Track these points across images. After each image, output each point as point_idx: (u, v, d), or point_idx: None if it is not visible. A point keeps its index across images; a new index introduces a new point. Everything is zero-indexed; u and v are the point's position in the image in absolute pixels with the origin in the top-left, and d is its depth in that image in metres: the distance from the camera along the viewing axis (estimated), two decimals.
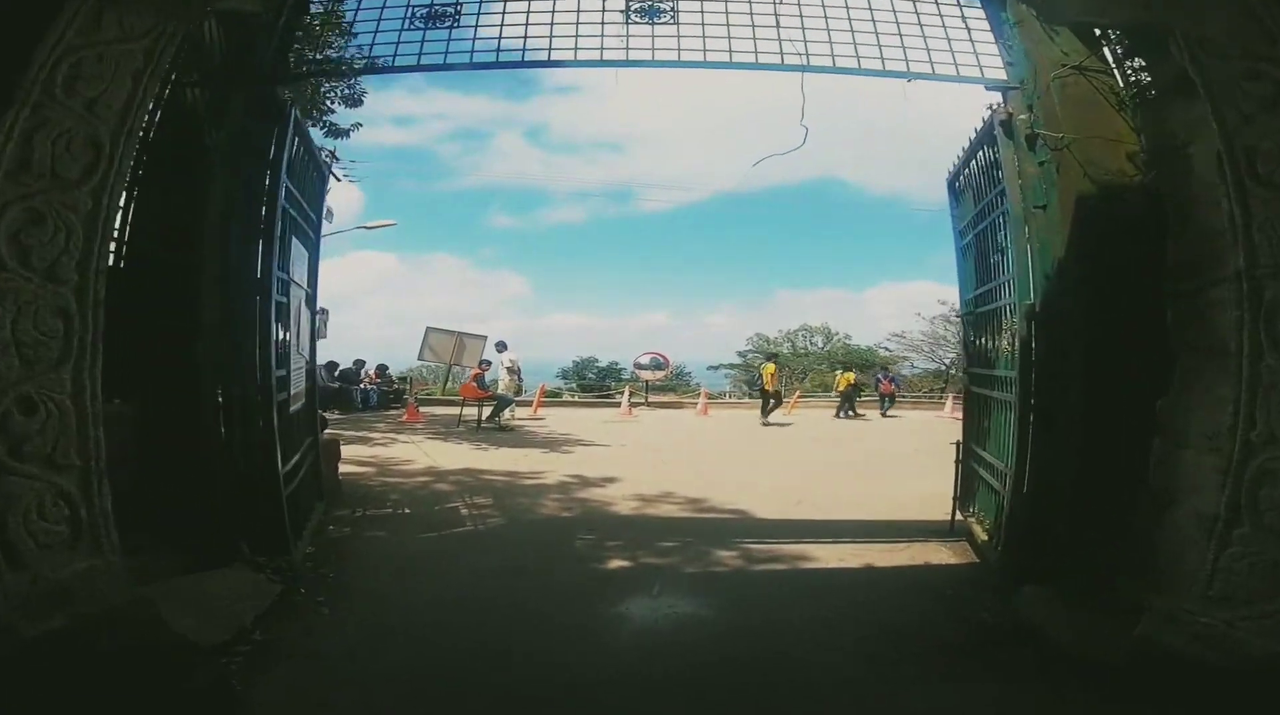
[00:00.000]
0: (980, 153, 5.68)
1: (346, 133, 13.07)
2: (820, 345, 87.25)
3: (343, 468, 8.64)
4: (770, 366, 17.70)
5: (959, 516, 6.40)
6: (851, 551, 5.97)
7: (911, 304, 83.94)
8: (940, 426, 18.47)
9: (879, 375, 24.18)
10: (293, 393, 5.40)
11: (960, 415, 20.39)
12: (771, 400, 16.89)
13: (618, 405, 19.58)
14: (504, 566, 5.31)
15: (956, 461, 6.60)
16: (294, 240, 5.53)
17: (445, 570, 5.22)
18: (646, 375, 21.55)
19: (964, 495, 6.47)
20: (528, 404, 18.18)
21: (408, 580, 5.00)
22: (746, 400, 28.32)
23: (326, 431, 8.00)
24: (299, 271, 5.73)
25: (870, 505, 7.73)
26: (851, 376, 20.75)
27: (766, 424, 16.06)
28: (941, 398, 25.66)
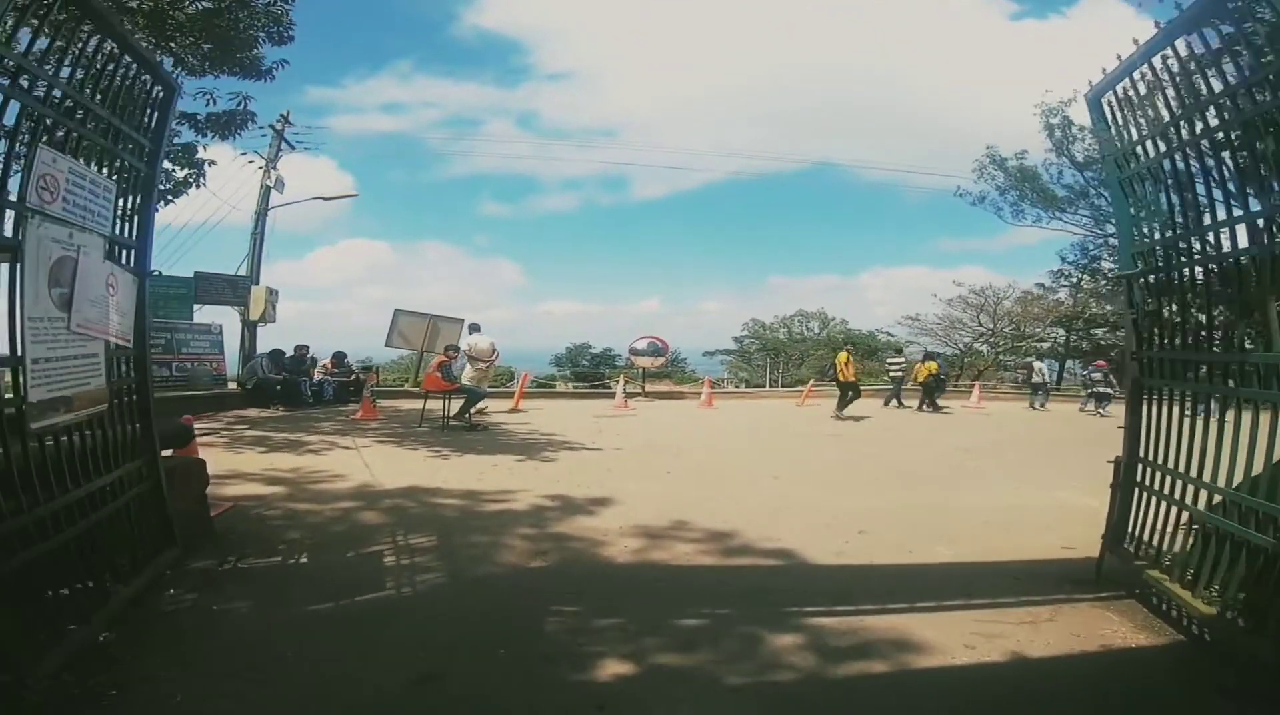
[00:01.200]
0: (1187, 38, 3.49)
1: (269, 73, 10.88)
2: (817, 331, 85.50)
3: (243, 488, 6.48)
4: (844, 355, 16.10)
5: (1109, 558, 4.29)
6: (975, 627, 3.84)
7: (904, 289, 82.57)
8: (999, 419, 16.64)
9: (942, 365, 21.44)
10: (58, 395, 3.19)
11: (980, 404, 17.54)
12: (850, 392, 15.47)
13: (612, 395, 17.38)
14: (423, 679, 3.13)
15: (1114, 485, 4.47)
16: (82, 165, 3.33)
17: (316, 692, 3.04)
18: (644, 362, 19.35)
19: (1121, 527, 4.35)
20: (510, 396, 15.98)
21: None
22: (750, 389, 26.31)
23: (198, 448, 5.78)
24: (85, 206, 3.49)
25: (959, 530, 5.63)
26: (934, 366, 18.38)
27: (841, 417, 14.69)
28: (967, 384, 23.65)
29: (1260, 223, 3.33)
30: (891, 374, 19.36)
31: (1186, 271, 3.96)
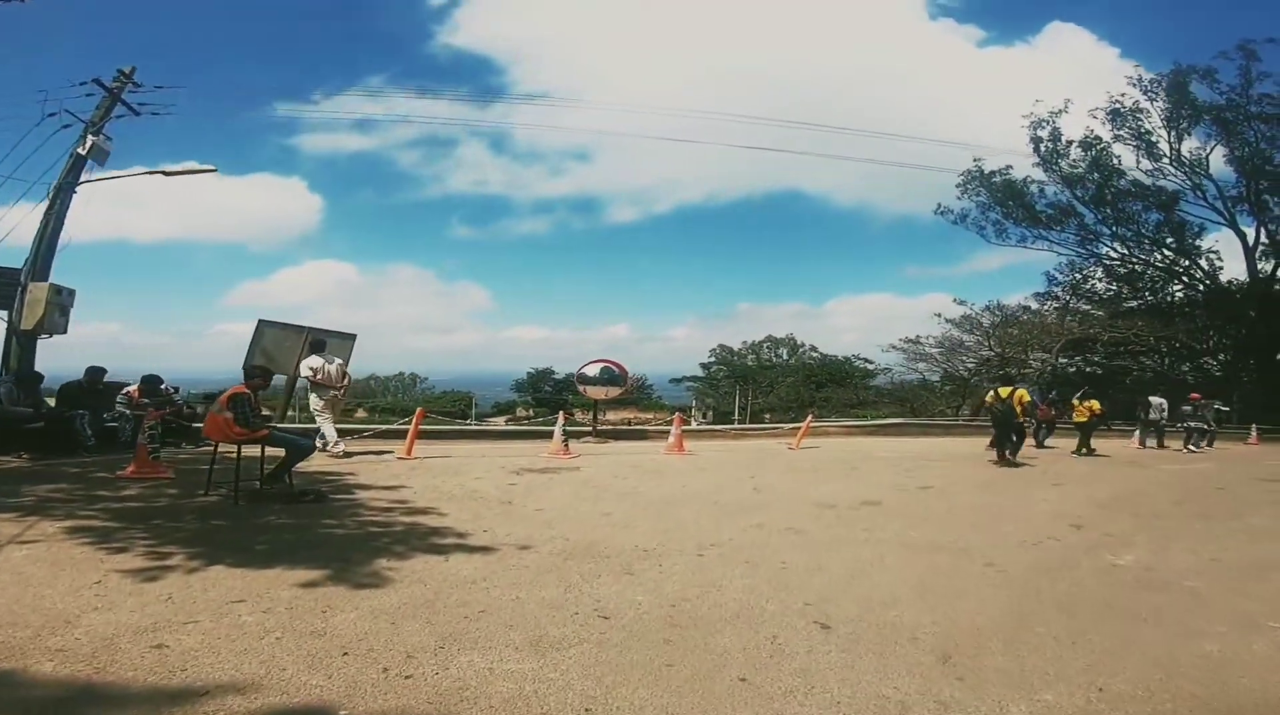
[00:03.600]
0: None
1: None
2: (786, 357, 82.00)
3: None
4: (1023, 392, 13.23)
5: None
6: None
7: (870, 316, 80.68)
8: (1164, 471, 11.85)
9: (1034, 394, 18.16)
10: None
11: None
12: (1041, 426, 14.66)
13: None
14: None
15: None
16: None
17: None
18: (596, 392, 14.89)
19: None
20: (401, 436, 11.43)
21: None
22: (725, 427, 22.22)
23: None
24: None
25: None
26: (1096, 404, 15.83)
27: (1012, 464, 12.43)
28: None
29: None
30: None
31: None
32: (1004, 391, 13.01)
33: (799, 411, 52.96)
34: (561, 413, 11.66)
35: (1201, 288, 33.77)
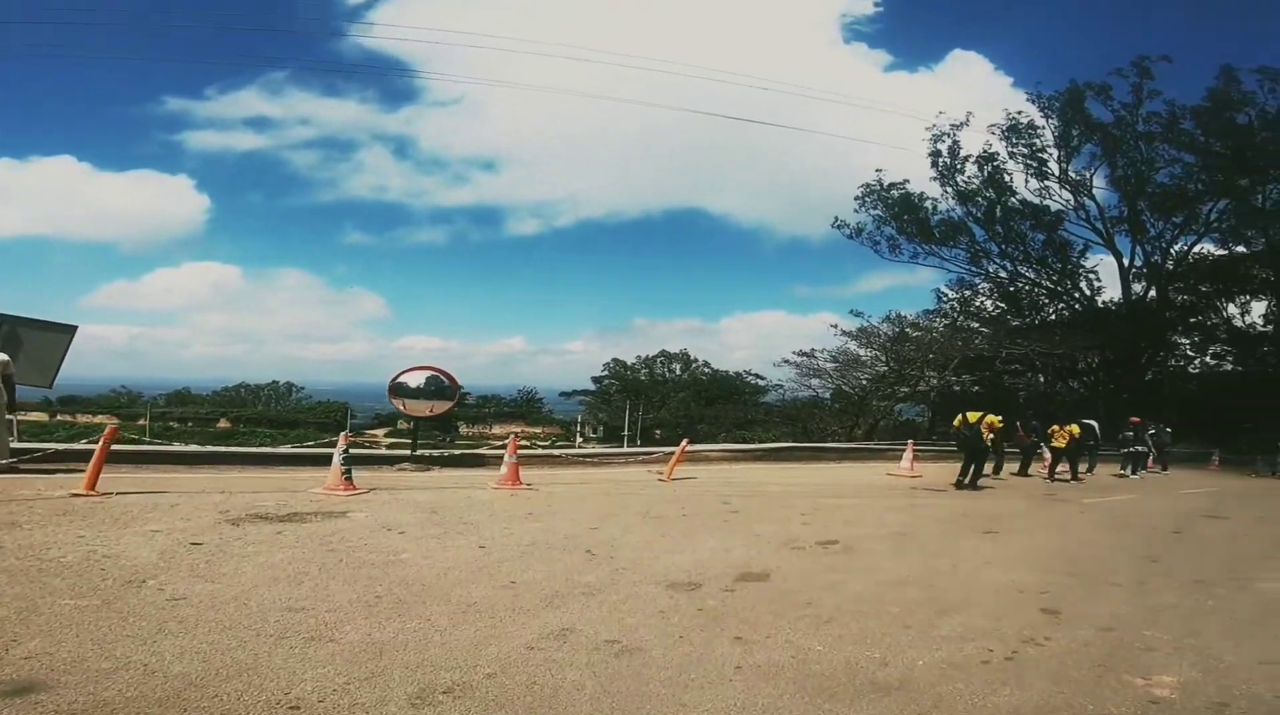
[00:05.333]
0: None
1: None
2: (679, 372, 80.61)
3: None
4: (993, 417, 12.52)
5: None
6: None
7: (761, 333, 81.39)
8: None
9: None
10: None
11: (914, 470, 8.55)
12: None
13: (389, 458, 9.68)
14: None
15: None
16: None
17: None
18: (417, 407, 11.71)
19: None
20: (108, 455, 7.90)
21: None
22: (586, 453, 19.46)
23: None
24: None
25: None
26: (1076, 429, 14.91)
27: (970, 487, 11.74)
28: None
29: None
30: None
31: None
32: (973, 416, 12.34)
33: (689, 427, 51.20)
34: (343, 437, 8.44)
35: (1079, 308, 34.00)
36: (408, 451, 11.93)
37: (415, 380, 11.43)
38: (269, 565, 5.21)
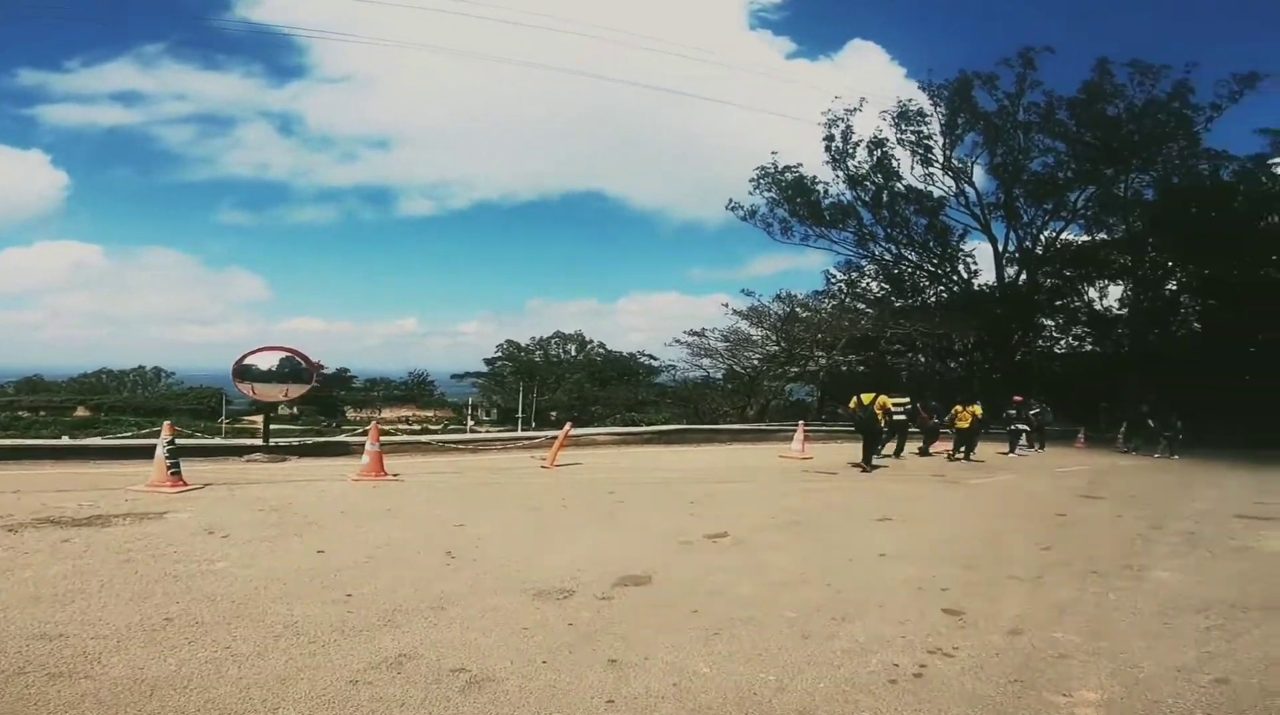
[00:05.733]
0: None
1: None
2: (574, 353, 79.84)
3: None
4: (885, 398, 12.74)
5: None
6: None
7: (658, 314, 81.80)
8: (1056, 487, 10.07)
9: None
10: None
11: (805, 452, 12.96)
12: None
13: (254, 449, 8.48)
14: None
15: None
16: None
17: None
18: (270, 392, 10.50)
19: None
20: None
21: None
22: (464, 437, 18.69)
23: None
24: None
25: None
26: (979, 409, 15.25)
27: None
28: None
29: None
30: (897, 418, 14.69)
31: None
32: (866, 397, 12.42)
33: (583, 409, 50.63)
34: (167, 426, 7.28)
35: (957, 290, 35.47)
36: (259, 441, 10.69)
37: (266, 362, 10.20)
38: (37, 580, 4.22)
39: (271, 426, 11.16)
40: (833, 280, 36.87)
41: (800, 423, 15.14)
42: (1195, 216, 32.20)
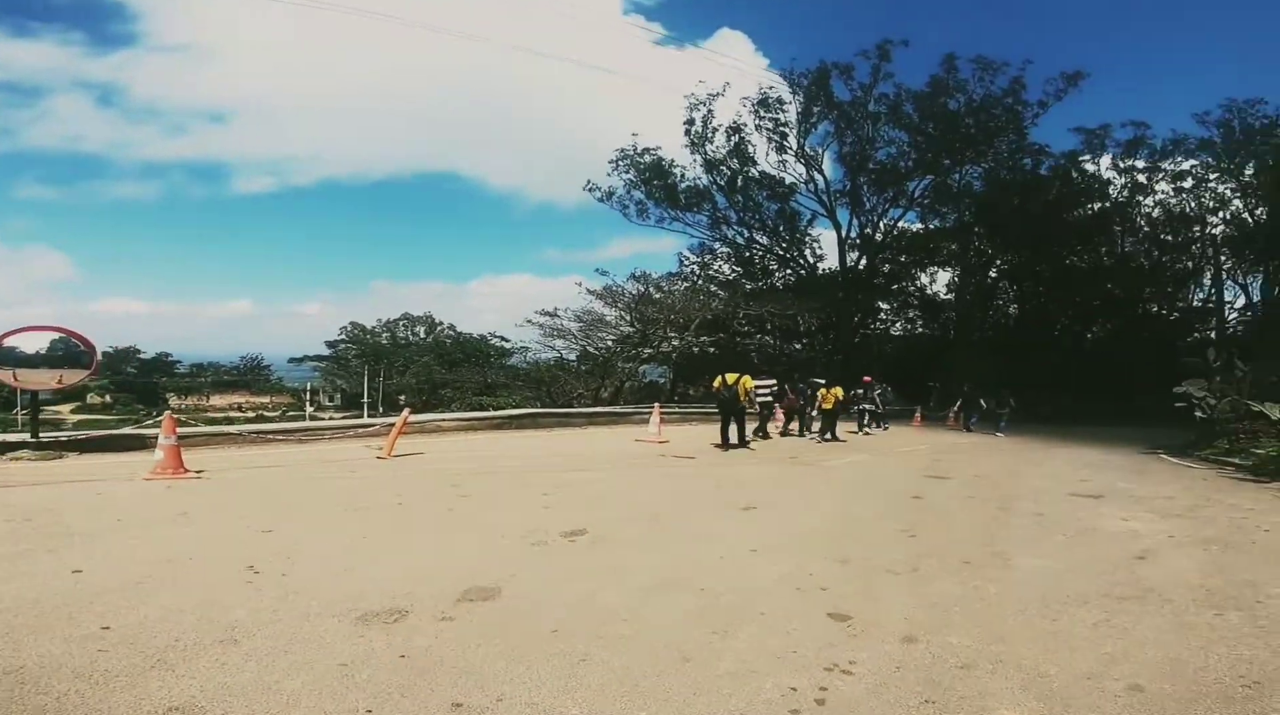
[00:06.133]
0: None
1: None
2: (423, 335, 76.53)
3: None
4: (747, 378, 12.84)
5: None
6: None
7: (511, 296, 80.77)
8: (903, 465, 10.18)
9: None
10: None
11: (661, 435, 12.93)
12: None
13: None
14: None
15: None
16: None
17: None
18: (38, 379, 8.85)
19: None
20: None
21: None
22: (287, 427, 17.10)
23: None
24: None
25: None
26: (840, 391, 15.92)
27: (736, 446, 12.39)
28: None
29: None
30: (761, 400, 14.76)
31: None
32: (730, 377, 12.50)
33: (432, 393, 48.42)
34: None
35: (804, 274, 37.00)
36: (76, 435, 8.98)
37: (34, 344, 8.55)
38: None
39: (81, 416, 9.46)
40: (686, 262, 37.70)
41: (655, 405, 14.93)
42: (1014, 208, 35.22)
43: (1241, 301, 38.64)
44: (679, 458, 11.13)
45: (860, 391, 18.44)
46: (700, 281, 33.71)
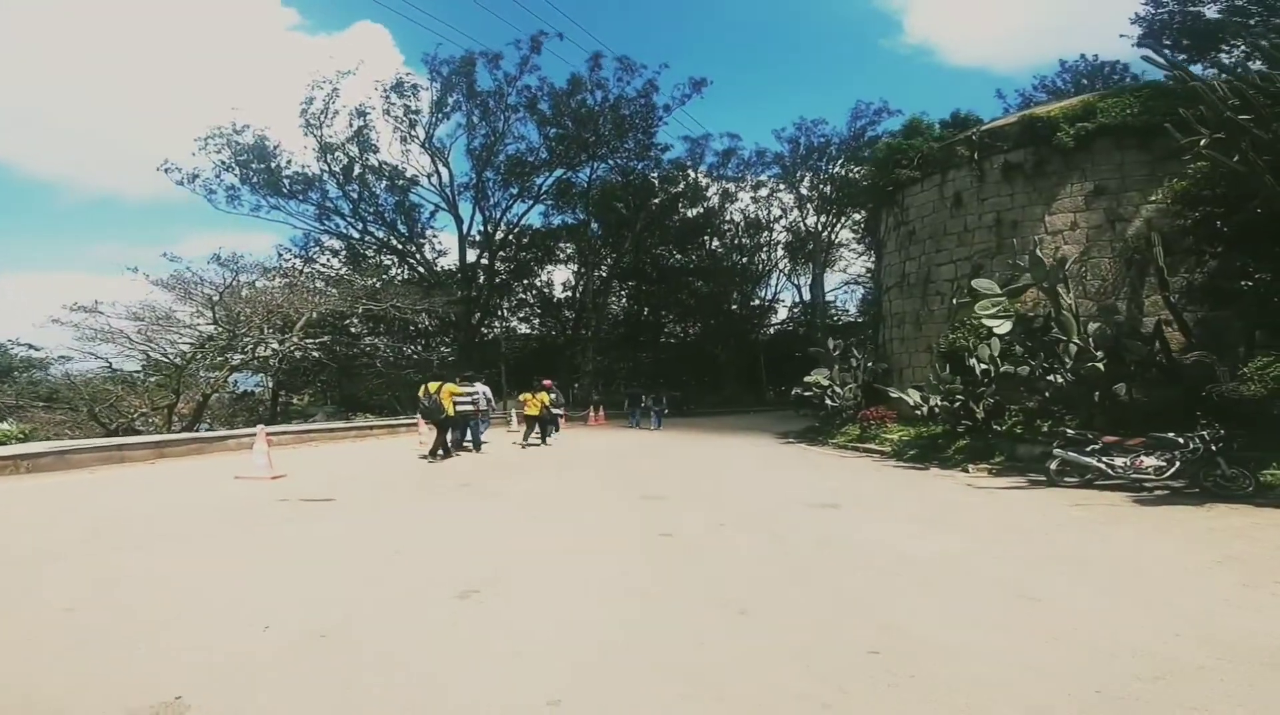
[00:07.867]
0: None
1: None
2: None
3: None
4: (451, 387, 12.78)
5: None
6: None
7: (56, 296, 65.84)
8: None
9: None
10: None
11: (275, 468, 10.01)
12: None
13: None
14: None
15: None
16: None
17: None
18: None
19: None
20: None
21: None
22: None
23: None
24: None
25: None
26: (546, 397, 15.75)
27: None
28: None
29: None
30: (461, 409, 13.26)
31: None
32: (433, 386, 12.49)
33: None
34: None
35: (423, 270, 34.32)
36: None
37: None
38: None
39: None
40: (285, 256, 32.70)
41: (260, 428, 11.03)
42: (626, 210, 36.80)
43: (796, 298, 46.16)
44: (309, 502, 7.93)
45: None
46: (305, 278, 28.93)
